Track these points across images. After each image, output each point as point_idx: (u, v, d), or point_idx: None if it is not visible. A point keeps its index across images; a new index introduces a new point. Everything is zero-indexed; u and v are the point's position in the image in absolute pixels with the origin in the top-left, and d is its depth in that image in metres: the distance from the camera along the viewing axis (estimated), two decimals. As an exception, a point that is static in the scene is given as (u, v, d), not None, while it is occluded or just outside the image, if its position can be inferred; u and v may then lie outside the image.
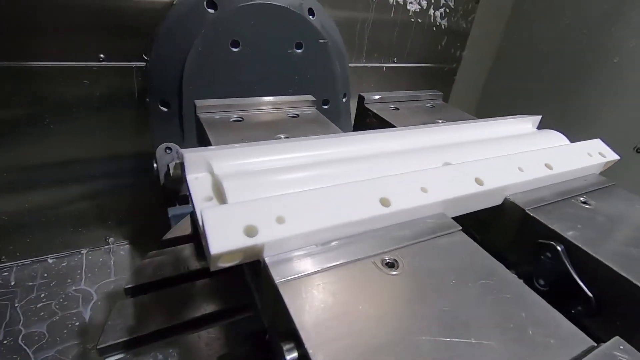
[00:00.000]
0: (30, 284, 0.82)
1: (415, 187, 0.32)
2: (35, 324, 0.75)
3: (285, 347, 0.20)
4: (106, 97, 0.77)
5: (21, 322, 0.75)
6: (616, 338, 0.22)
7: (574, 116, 1.04)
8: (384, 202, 0.30)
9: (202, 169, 0.32)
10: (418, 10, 1.02)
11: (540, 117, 0.54)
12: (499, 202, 0.37)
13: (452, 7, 1.06)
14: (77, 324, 0.75)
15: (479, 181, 0.35)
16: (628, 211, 0.37)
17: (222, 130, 0.43)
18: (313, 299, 0.23)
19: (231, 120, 0.46)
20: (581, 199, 0.39)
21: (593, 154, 0.45)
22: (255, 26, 0.75)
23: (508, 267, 0.37)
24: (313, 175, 0.32)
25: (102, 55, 0.73)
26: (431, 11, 1.04)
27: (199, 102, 0.46)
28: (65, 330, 0.73)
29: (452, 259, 0.28)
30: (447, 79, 1.21)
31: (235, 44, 0.75)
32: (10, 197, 0.77)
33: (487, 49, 1.22)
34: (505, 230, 0.38)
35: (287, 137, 0.42)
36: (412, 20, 1.02)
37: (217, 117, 0.46)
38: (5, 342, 0.71)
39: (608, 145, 0.47)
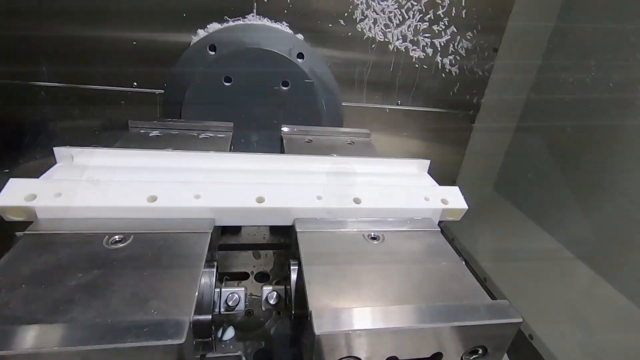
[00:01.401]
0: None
1: (189, 193, 0.39)
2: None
3: None
4: (137, 116, 1.00)
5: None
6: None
7: (591, 179, 0.91)
8: (151, 199, 0.38)
9: (69, 159, 0.45)
10: (422, 57, 1.05)
11: (428, 161, 0.54)
12: (289, 222, 0.41)
13: (464, 55, 1.06)
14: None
15: (259, 199, 0.40)
16: (411, 253, 0.38)
17: (132, 140, 0.56)
18: (30, 251, 0.33)
19: (150, 135, 0.59)
20: (373, 234, 0.40)
21: (431, 199, 0.44)
22: (247, 66, 0.91)
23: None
24: (131, 175, 0.42)
25: (135, 83, 0.97)
26: (438, 58, 1.06)
27: (131, 121, 0.61)
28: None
29: (166, 253, 0.34)
30: (463, 125, 1.18)
31: (228, 79, 0.91)
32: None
33: (513, 97, 1.16)
34: (293, 247, 0.41)
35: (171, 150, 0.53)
36: (417, 66, 1.06)
37: (142, 131, 0.60)
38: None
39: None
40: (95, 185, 0.38)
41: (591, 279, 0.89)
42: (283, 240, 0.64)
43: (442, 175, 1.15)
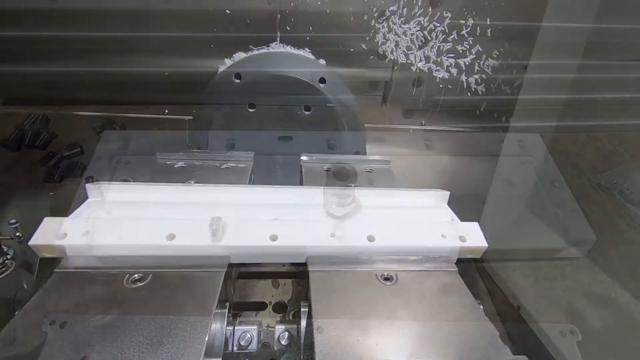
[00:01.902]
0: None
1: (206, 231, 0.41)
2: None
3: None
4: (168, 140, 1.05)
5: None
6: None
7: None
8: (169, 237, 0.40)
9: (99, 195, 0.48)
10: (447, 77, 1.03)
11: (448, 192, 0.53)
12: (302, 260, 0.42)
13: (490, 73, 1.04)
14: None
15: (273, 237, 0.41)
16: (425, 296, 0.37)
17: (156, 170, 0.59)
18: (58, 290, 0.35)
19: (175, 166, 0.62)
20: (387, 274, 0.39)
21: (449, 237, 0.43)
22: (270, 92, 0.94)
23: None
24: (153, 210, 0.44)
25: (166, 110, 1.02)
26: (463, 78, 1.04)
27: (159, 153, 0.64)
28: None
29: (181, 293, 0.36)
30: (492, 144, 1.14)
31: (252, 105, 0.94)
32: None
33: (544, 115, 1.11)
34: (306, 285, 0.41)
35: (194, 183, 0.55)
36: (441, 86, 1.04)
37: (168, 162, 0.63)
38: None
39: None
40: (119, 223, 0.40)
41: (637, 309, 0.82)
42: (302, 269, 0.64)
43: (471, 197, 1.11)
